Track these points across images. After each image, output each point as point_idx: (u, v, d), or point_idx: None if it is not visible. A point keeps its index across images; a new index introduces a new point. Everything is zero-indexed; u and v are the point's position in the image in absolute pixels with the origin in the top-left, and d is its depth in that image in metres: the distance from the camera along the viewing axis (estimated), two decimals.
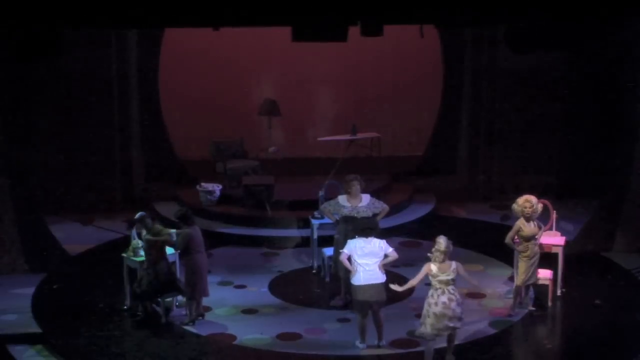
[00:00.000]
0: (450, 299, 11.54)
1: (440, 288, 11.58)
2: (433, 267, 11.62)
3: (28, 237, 14.68)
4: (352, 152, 17.73)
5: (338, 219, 13.48)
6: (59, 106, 17.07)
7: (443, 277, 11.56)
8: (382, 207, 13.47)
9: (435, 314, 11.57)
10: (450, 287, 11.56)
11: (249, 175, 17.24)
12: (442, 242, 11.63)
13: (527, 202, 12.97)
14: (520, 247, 13.01)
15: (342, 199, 13.46)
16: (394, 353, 12.22)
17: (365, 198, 13.44)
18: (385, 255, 12.15)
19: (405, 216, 16.92)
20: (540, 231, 13.15)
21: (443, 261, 11.59)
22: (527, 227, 12.93)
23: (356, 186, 13.34)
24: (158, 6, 12.44)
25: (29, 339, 12.67)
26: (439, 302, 11.55)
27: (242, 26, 14.64)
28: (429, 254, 11.71)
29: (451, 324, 11.58)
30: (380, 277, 12.15)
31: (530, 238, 12.94)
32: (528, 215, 12.91)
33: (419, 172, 18.49)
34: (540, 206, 13.12)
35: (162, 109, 17.98)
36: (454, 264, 11.62)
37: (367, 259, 12.08)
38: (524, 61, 17.35)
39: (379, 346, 12.29)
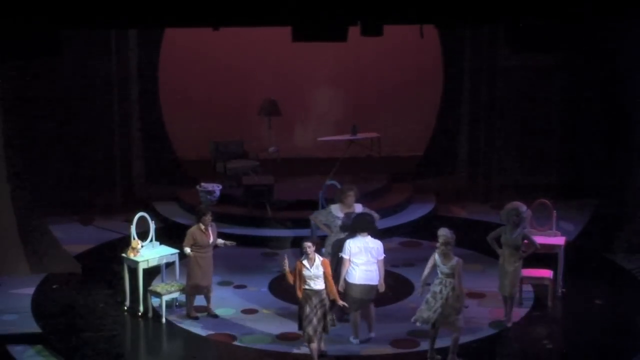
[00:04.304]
0: (442, 291, 11.56)
1: (439, 278, 11.66)
2: (437, 256, 11.67)
3: (28, 237, 14.66)
4: (352, 152, 17.72)
5: (330, 226, 13.27)
6: (58, 106, 17.04)
7: (442, 269, 11.62)
8: (373, 216, 13.34)
9: (427, 302, 11.66)
10: (449, 280, 11.58)
11: (249, 175, 17.23)
12: (442, 234, 11.67)
13: (513, 209, 12.75)
14: (499, 252, 12.88)
15: (334, 208, 13.18)
16: (394, 353, 12.23)
17: (358, 208, 13.30)
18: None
19: (405, 216, 16.89)
20: (529, 249, 12.76)
21: (447, 254, 11.60)
22: (510, 234, 12.71)
23: (352, 197, 13.20)
24: (158, 6, 12.45)
25: (29, 339, 12.67)
26: (435, 290, 11.60)
27: (242, 26, 14.63)
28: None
29: (432, 315, 11.56)
30: (374, 279, 12.18)
31: (511, 246, 12.69)
32: (514, 222, 12.70)
33: (419, 172, 18.47)
34: (529, 213, 12.96)
35: (162, 109, 17.96)
36: (454, 260, 11.60)
37: (361, 257, 12.09)
38: (523, 61, 17.34)
39: (369, 339, 12.38)
